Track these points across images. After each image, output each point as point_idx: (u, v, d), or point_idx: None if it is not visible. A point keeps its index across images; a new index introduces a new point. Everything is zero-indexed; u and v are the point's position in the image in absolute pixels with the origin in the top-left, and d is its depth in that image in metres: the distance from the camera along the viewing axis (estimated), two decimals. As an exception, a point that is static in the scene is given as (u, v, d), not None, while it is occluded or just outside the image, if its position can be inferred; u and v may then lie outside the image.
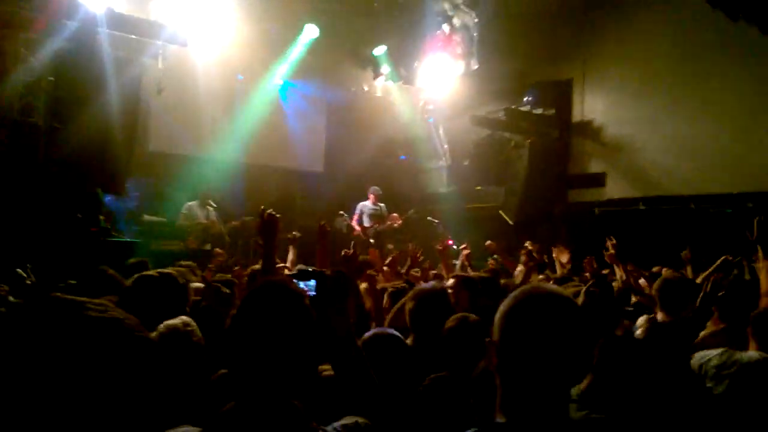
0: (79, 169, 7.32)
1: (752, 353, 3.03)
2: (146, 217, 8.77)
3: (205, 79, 9.27)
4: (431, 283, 3.48)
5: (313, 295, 1.87)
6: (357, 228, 10.04)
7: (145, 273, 3.09)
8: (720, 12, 8.02)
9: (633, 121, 10.71)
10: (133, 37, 8.40)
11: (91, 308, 0.97)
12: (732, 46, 9.18)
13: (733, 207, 9.21)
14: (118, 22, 8.01)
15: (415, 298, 3.06)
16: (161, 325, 2.47)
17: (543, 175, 11.21)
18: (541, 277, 5.49)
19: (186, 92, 9.31)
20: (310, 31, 10.12)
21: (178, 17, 8.70)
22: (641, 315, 4.01)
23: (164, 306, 2.70)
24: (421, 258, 5.88)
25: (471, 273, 5.54)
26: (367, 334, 2.57)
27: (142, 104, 8.76)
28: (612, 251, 5.49)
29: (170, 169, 9.39)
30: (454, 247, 10.97)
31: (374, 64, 11.09)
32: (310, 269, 2.00)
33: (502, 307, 1.40)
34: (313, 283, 1.93)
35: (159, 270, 3.14)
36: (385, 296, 3.81)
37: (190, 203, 8.80)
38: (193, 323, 2.50)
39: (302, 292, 1.63)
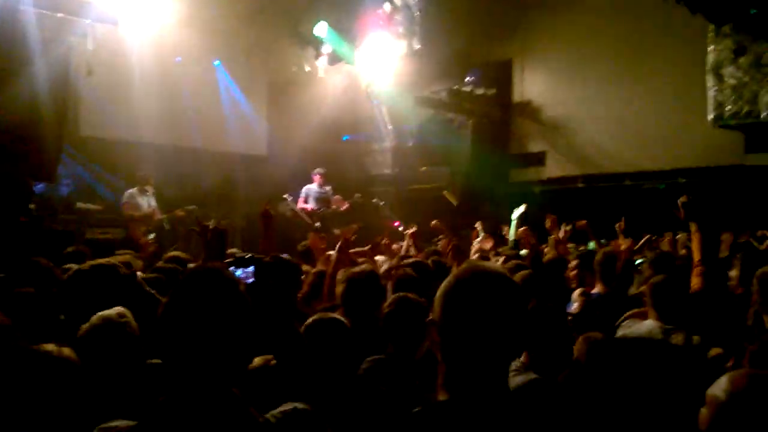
0: (6, 156, 6.98)
1: (649, 323, 3.12)
2: (80, 205, 8.44)
3: (139, 60, 8.92)
4: (362, 266, 3.47)
5: (252, 281, 1.83)
6: (305, 208, 9.92)
7: (81, 267, 2.99)
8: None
9: (571, 101, 10.97)
10: (60, 15, 8.01)
11: None
12: (664, 27, 9.48)
13: (666, 182, 9.59)
14: (44, -1, 7.62)
15: (346, 280, 3.10)
16: (94, 316, 2.39)
17: (486, 155, 11.37)
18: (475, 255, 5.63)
19: (119, 74, 8.94)
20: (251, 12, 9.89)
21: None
22: None
23: (103, 298, 2.62)
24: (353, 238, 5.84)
25: (414, 253, 5.59)
26: (310, 319, 2.55)
27: (71, 87, 8.39)
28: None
29: (104, 155, 9.04)
30: (401, 228, 11.04)
31: (315, 44, 10.93)
32: (246, 256, 1.95)
33: (442, 286, 1.41)
34: (251, 269, 1.88)
35: (98, 261, 3.05)
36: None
37: (130, 191, 8.49)
38: (128, 313, 2.42)
39: (235, 278, 1.59)
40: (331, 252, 5.63)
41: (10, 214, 6.73)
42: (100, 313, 2.40)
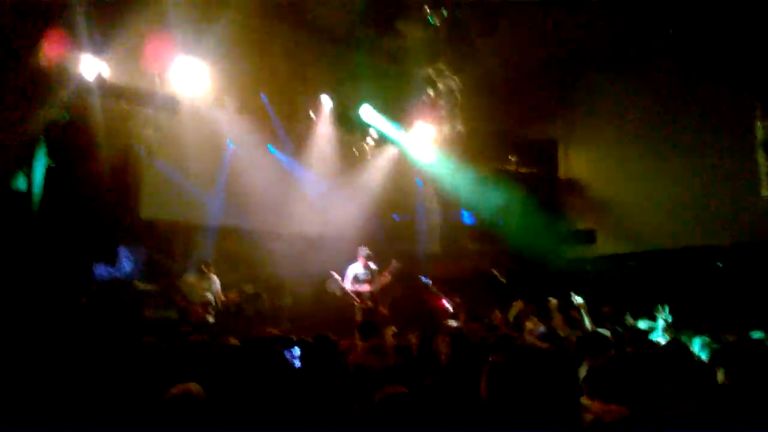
0: (68, 239, 7.22)
1: None
2: (138, 284, 8.57)
3: (196, 145, 9.28)
4: None
5: (299, 364, 1.83)
6: (351, 293, 9.88)
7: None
8: (693, 72, 8.35)
9: (618, 179, 10.97)
10: (124, 105, 8.44)
11: None
12: (710, 104, 9.51)
13: (723, 260, 9.34)
14: (110, 90, 8.06)
15: None
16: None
17: (534, 232, 11.31)
18: None
19: (178, 158, 9.29)
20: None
21: (170, 84, 8.75)
22: None
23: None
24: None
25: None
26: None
27: (132, 171, 8.72)
28: None
29: (163, 236, 9.25)
30: (448, 305, 10.91)
31: (363, 127, 11.27)
32: (293, 338, 1.96)
33: (488, 366, 1.58)
34: (297, 351, 1.89)
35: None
36: None
37: (189, 278, 8.54)
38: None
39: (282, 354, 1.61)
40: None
41: (72, 295, 6.89)
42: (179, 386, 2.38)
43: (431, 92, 11.84)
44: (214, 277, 8.64)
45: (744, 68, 8.46)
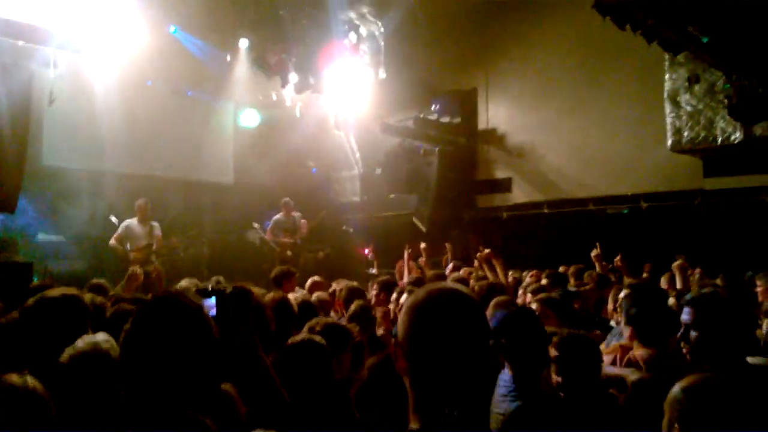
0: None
1: None
2: (42, 236, 8.20)
3: (103, 88, 8.79)
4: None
5: (215, 313, 1.79)
6: (272, 242, 9.83)
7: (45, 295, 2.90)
8: (610, 22, 8.43)
9: (534, 129, 11.20)
10: (21, 43, 7.87)
11: None
12: (622, 56, 9.76)
13: (628, 206, 9.82)
14: (2, 26, 7.48)
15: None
16: (81, 341, 2.29)
17: (452, 181, 11.50)
18: None
19: (82, 102, 8.79)
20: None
21: (73, 23, 8.18)
22: None
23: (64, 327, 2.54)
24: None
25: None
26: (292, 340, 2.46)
27: (33, 115, 8.22)
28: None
29: (67, 185, 8.80)
30: (370, 256, 11.05)
31: (282, 72, 10.97)
32: (208, 287, 1.91)
33: (408, 308, 1.34)
34: (213, 300, 1.84)
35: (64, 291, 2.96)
36: None
37: (128, 221, 8.17)
38: (112, 340, 2.33)
39: (198, 305, 1.57)
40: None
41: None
42: (86, 338, 2.30)
43: (354, 37, 11.62)
44: (154, 222, 8.35)
45: (659, 18, 8.60)
